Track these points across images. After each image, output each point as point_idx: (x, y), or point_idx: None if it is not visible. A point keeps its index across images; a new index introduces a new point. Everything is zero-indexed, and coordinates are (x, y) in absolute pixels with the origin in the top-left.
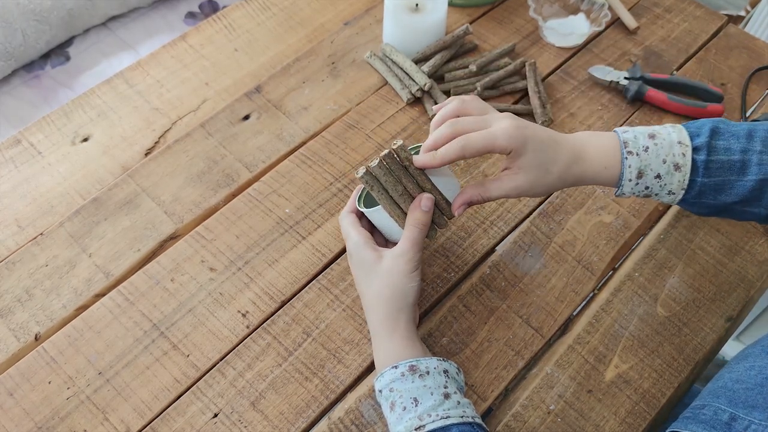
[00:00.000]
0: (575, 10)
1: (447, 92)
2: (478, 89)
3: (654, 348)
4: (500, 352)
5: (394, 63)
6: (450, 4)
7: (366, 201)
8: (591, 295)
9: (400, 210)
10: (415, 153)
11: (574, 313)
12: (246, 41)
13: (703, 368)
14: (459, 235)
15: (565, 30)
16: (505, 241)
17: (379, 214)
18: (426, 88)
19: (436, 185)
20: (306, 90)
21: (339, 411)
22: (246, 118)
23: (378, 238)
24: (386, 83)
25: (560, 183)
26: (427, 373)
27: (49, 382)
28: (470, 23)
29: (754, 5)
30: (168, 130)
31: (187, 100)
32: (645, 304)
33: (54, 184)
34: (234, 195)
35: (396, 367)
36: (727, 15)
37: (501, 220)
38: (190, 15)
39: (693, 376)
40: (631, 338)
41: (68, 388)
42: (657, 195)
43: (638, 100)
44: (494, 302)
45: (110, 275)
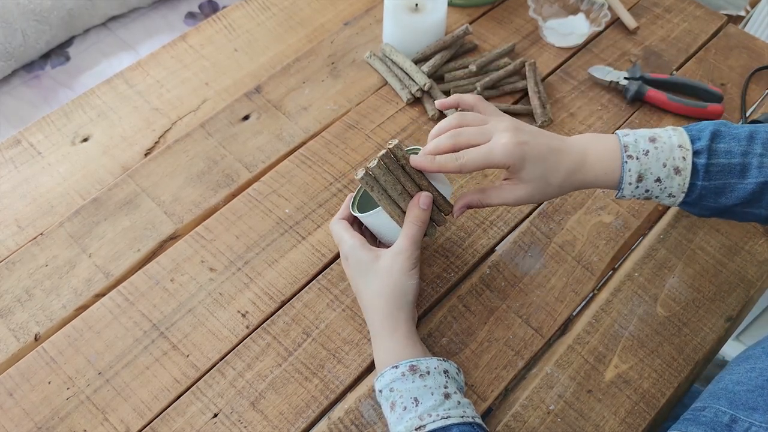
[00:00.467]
0: (575, 10)
1: (447, 92)
2: (478, 89)
3: (654, 348)
4: (500, 352)
5: (394, 63)
6: (450, 4)
7: (359, 207)
8: (591, 295)
9: (400, 209)
10: (411, 153)
11: (574, 313)
12: (246, 41)
13: (703, 368)
14: (459, 235)
15: (564, 30)
16: (504, 241)
17: (374, 218)
18: (426, 89)
19: (432, 183)
20: (306, 90)
21: (339, 411)
22: (246, 118)
23: (370, 241)
24: (386, 83)
25: (561, 191)
26: (428, 373)
27: (49, 383)
28: (470, 23)
29: (753, 5)
30: (168, 130)
31: (187, 101)
32: (645, 304)
33: (54, 184)
34: (234, 195)
35: (396, 367)
36: (726, 15)
37: (501, 220)
38: (190, 15)
39: (693, 376)
40: (631, 338)
41: (68, 389)
42: (657, 198)
43: (638, 100)
44: (494, 302)
45: (110, 275)
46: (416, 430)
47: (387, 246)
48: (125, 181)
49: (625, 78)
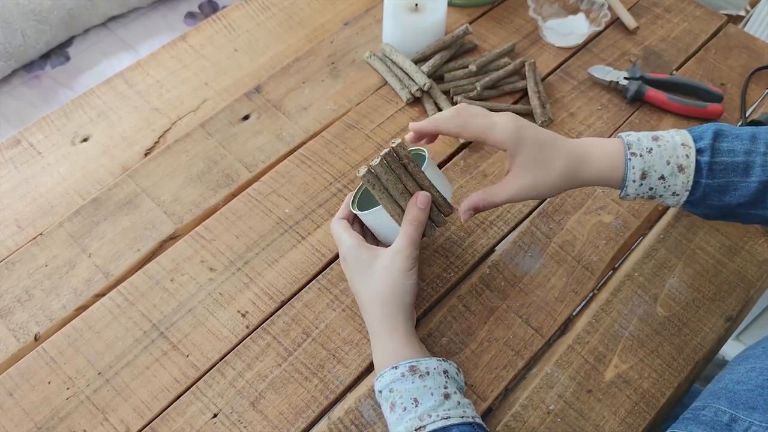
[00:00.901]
0: (575, 10)
1: (446, 92)
2: (478, 89)
3: (654, 348)
4: (500, 352)
5: (394, 63)
6: (449, 4)
7: (359, 205)
8: (591, 295)
9: (401, 209)
10: (415, 153)
11: (574, 313)
12: (246, 41)
13: (703, 368)
14: (458, 235)
15: (564, 30)
16: (504, 241)
17: (374, 216)
18: (425, 88)
19: (434, 183)
20: (306, 90)
21: (339, 411)
22: (246, 118)
23: (370, 241)
24: (386, 83)
25: (564, 182)
26: (427, 373)
27: (49, 383)
28: (470, 23)
29: (753, 5)
30: (168, 130)
31: (187, 100)
32: (645, 304)
33: (54, 184)
34: (234, 195)
35: (396, 367)
36: (726, 15)
37: (500, 220)
38: (190, 15)
39: (693, 376)
40: (631, 338)
41: (68, 389)
42: (662, 197)
43: (638, 100)
44: (494, 302)
45: (110, 275)
46: (416, 430)
47: (387, 245)
48: (125, 181)
49: (625, 78)
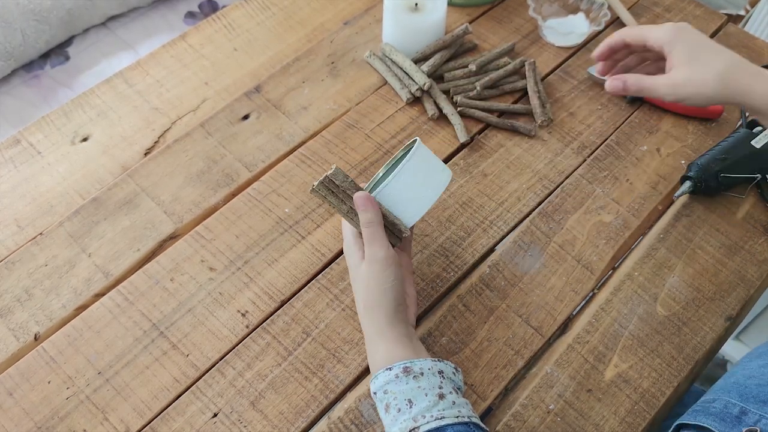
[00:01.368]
0: (575, 10)
1: (446, 92)
2: (478, 89)
3: (654, 347)
4: (500, 351)
5: (394, 63)
6: (449, 4)
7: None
8: (590, 294)
9: (353, 222)
10: (403, 155)
11: (574, 313)
12: (245, 41)
13: (703, 368)
14: (458, 234)
15: (564, 29)
16: (504, 240)
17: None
18: (425, 88)
19: (386, 208)
20: (305, 89)
21: (339, 410)
22: (245, 117)
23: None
24: (386, 83)
25: (721, 87)
26: (421, 374)
27: (49, 382)
28: (470, 23)
29: (753, 4)
30: (167, 129)
31: (187, 100)
32: (645, 304)
33: (53, 183)
34: (233, 195)
35: (390, 368)
36: (726, 14)
37: (500, 219)
38: (190, 14)
39: (693, 376)
40: (631, 338)
41: (68, 388)
42: None
43: (638, 100)
44: (494, 302)
45: (110, 275)
46: (410, 431)
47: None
48: (125, 180)
49: None
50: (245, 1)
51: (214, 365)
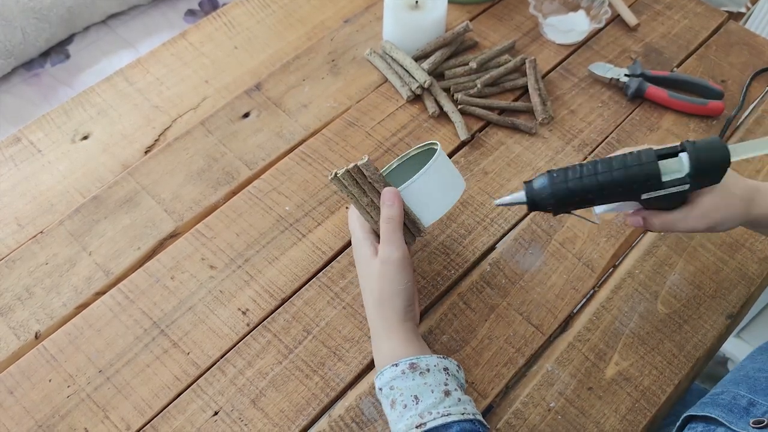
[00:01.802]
0: (575, 7)
1: (447, 89)
2: (478, 86)
3: (654, 345)
4: (501, 349)
5: (394, 60)
6: (450, 1)
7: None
8: (591, 292)
9: (369, 216)
10: (429, 148)
11: (575, 311)
12: (246, 39)
13: (704, 365)
14: (459, 232)
15: (565, 27)
16: (505, 238)
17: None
18: (426, 86)
19: (407, 204)
20: (306, 87)
21: (339, 408)
22: (246, 115)
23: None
24: (386, 81)
25: (748, 205)
26: (428, 370)
27: (50, 381)
28: (470, 20)
29: (754, 2)
30: (168, 127)
31: (187, 98)
32: (645, 302)
33: (54, 182)
34: (234, 193)
35: (396, 365)
36: (727, 12)
37: (501, 217)
38: (190, 13)
39: (693, 374)
40: (632, 335)
41: (68, 387)
42: None
43: (638, 98)
44: (494, 300)
45: (110, 273)
46: (417, 427)
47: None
48: (125, 179)
49: (626, 75)
50: None
51: (215, 363)
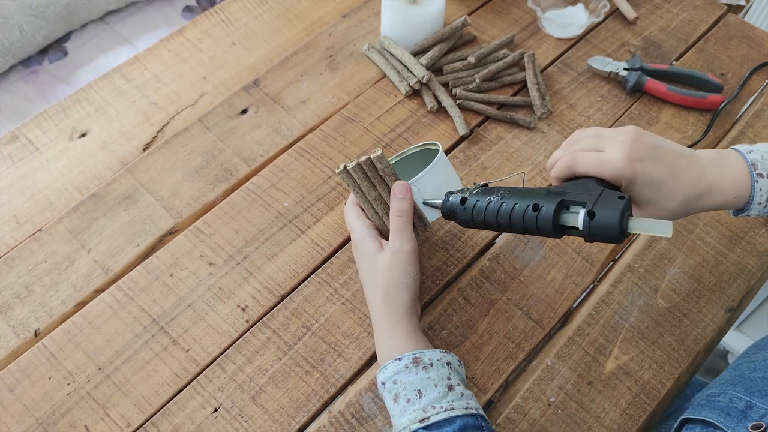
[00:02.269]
0: (574, 1)
1: (445, 84)
2: (477, 81)
3: (654, 339)
4: (500, 344)
5: (392, 55)
6: None
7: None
8: (591, 286)
9: (374, 210)
10: (427, 148)
11: (574, 305)
12: (244, 35)
13: (704, 359)
14: (458, 228)
15: (563, 21)
16: (504, 233)
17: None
18: (424, 81)
19: (419, 197)
20: (304, 83)
21: (339, 404)
22: (244, 112)
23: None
24: (384, 76)
25: (675, 216)
26: (431, 365)
27: (50, 378)
28: (468, 15)
29: None
30: (166, 124)
31: (185, 95)
32: (645, 296)
33: (52, 179)
34: (232, 189)
35: (399, 359)
36: (726, 4)
37: None
38: (188, 9)
39: (693, 367)
40: (632, 330)
41: (68, 384)
42: None
43: (637, 91)
44: (494, 294)
45: (109, 271)
46: (420, 422)
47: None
48: (124, 176)
49: (625, 69)
50: None
51: (215, 360)
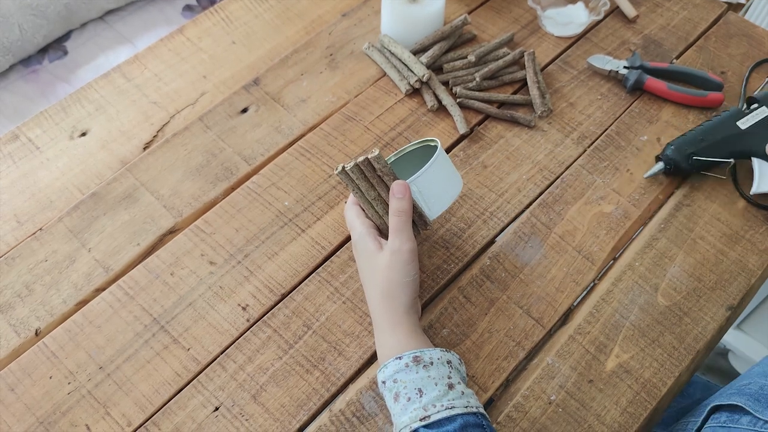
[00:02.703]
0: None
1: (445, 83)
2: (477, 80)
3: (655, 337)
4: (501, 342)
5: (393, 54)
6: None
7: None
8: (591, 285)
9: (374, 210)
10: (426, 144)
11: (575, 304)
12: (244, 33)
13: (704, 357)
14: (459, 226)
15: (563, 19)
16: (505, 231)
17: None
18: (424, 79)
19: (419, 195)
20: (304, 82)
21: (340, 403)
22: (244, 111)
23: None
24: (384, 75)
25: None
26: (431, 363)
27: (50, 377)
28: (468, 13)
29: None
30: (166, 123)
31: (185, 94)
32: (645, 294)
33: (52, 179)
34: (233, 188)
35: (400, 357)
36: (726, 2)
37: (501, 211)
38: (188, 8)
39: (694, 366)
40: (632, 328)
41: (69, 383)
42: None
43: (638, 89)
44: (494, 293)
45: (110, 270)
46: (420, 420)
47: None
48: (124, 175)
49: (625, 67)
50: None
51: (215, 359)
